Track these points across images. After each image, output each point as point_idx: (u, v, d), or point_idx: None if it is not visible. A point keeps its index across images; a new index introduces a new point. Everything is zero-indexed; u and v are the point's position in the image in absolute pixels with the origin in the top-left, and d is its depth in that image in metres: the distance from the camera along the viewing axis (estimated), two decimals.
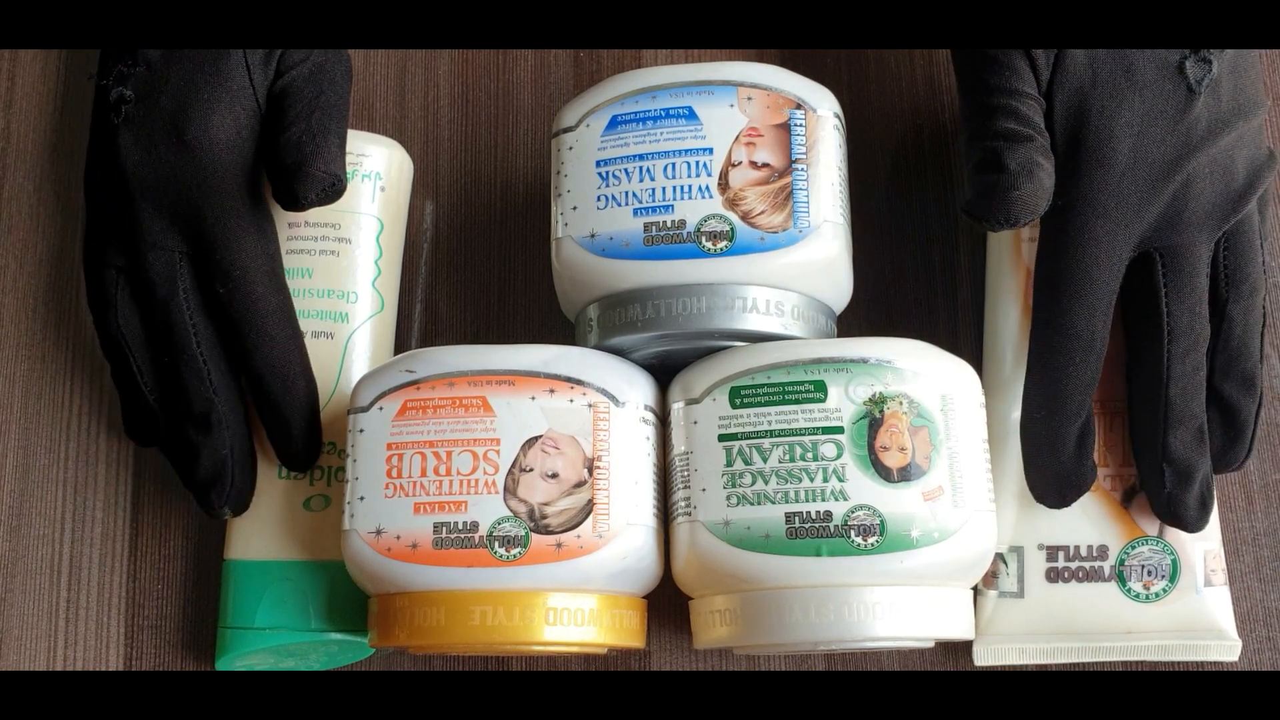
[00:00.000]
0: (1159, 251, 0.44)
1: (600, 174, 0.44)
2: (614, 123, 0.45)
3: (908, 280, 0.52)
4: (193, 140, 0.46)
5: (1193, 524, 0.44)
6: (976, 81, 0.45)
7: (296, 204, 0.45)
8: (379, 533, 0.42)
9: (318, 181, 0.45)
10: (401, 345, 0.51)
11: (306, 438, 0.47)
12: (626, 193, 0.44)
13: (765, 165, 0.43)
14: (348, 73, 0.49)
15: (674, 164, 0.44)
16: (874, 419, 0.41)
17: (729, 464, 0.42)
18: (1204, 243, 0.44)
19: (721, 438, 0.42)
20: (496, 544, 0.41)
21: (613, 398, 0.43)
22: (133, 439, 0.49)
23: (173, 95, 0.46)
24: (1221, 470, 0.45)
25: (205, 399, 0.46)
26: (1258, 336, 0.45)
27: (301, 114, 0.46)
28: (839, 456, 0.41)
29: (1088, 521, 0.45)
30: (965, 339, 0.50)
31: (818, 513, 0.41)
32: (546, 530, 0.41)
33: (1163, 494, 0.44)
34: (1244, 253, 0.44)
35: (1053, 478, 0.44)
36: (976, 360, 0.48)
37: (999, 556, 0.46)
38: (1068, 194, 0.43)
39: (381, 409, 0.43)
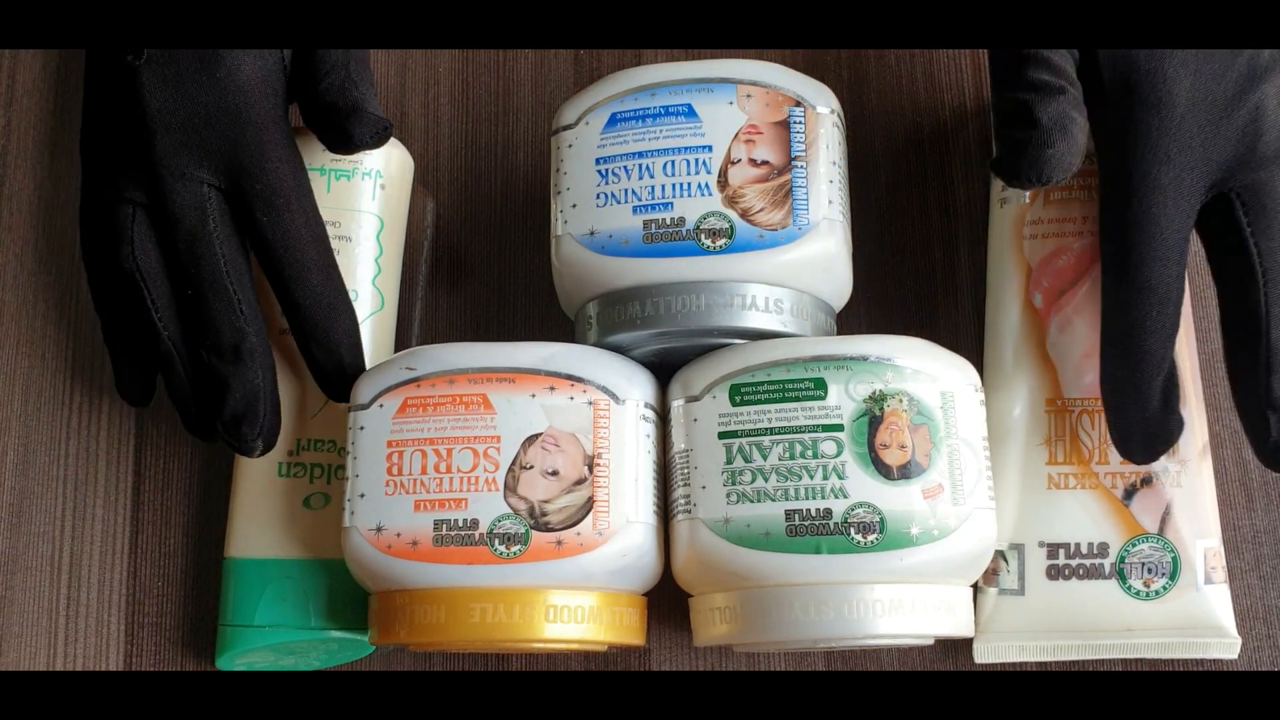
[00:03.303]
0: (1236, 192, 0.42)
1: (600, 171, 0.44)
2: (613, 120, 0.45)
3: (908, 277, 0.52)
4: (225, 79, 0.46)
5: None
6: None
7: (349, 144, 0.46)
8: (379, 530, 0.42)
9: (373, 123, 0.46)
10: (402, 343, 0.51)
11: (353, 364, 0.46)
12: (626, 190, 0.44)
13: (764, 163, 0.44)
14: None
15: (673, 161, 0.44)
16: (874, 417, 0.41)
17: (729, 461, 0.42)
18: None
19: (721, 435, 0.42)
20: (497, 541, 0.41)
21: (613, 395, 0.43)
22: (126, 397, 0.48)
23: None
24: None
25: (237, 329, 0.45)
26: None
27: (338, 62, 0.47)
28: (839, 454, 0.41)
29: (1088, 519, 0.45)
30: (966, 336, 0.50)
31: (817, 510, 0.41)
32: (546, 527, 0.41)
33: (1269, 442, 0.42)
34: None
35: (1140, 433, 0.43)
36: (977, 358, 0.48)
37: (999, 554, 0.46)
38: (1125, 142, 0.42)
39: (382, 406, 0.43)
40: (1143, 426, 0.43)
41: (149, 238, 0.46)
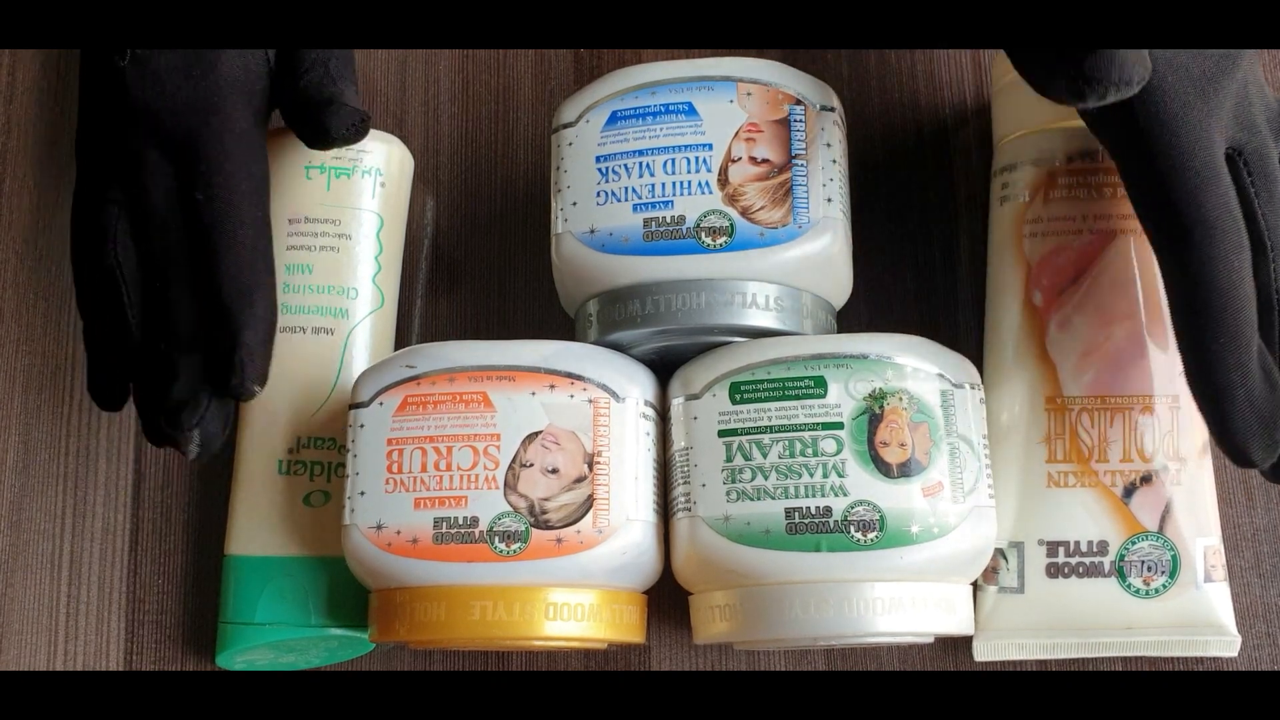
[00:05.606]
0: (1243, 155, 0.40)
1: (600, 169, 0.44)
2: (614, 118, 0.45)
3: (908, 276, 0.52)
4: (200, 76, 0.46)
5: None
6: None
7: (326, 137, 0.45)
8: (379, 528, 0.42)
9: (348, 115, 0.45)
10: (402, 341, 0.51)
11: (253, 359, 0.43)
12: (626, 188, 0.44)
13: (765, 161, 0.44)
14: None
15: (674, 159, 0.44)
16: (874, 415, 0.41)
17: (729, 459, 0.42)
18: (1276, 148, 0.40)
19: (721, 433, 0.42)
20: (497, 539, 0.41)
21: (613, 393, 0.43)
22: (98, 399, 0.47)
23: None
24: None
25: (194, 318, 0.44)
26: None
27: (318, 61, 0.47)
28: (839, 452, 0.41)
29: (1088, 517, 0.45)
30: (965, 335, 0.50)
31: (817, 508, 0.41)
32: (547, 525, 0.41)
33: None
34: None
35: (1252, 418, 0.38)
36: (977, 356, 0.48)
37: (999, 552, 0.46)
38: (1145, 108, 0.39)
39: (382, 404, 0.43)
40: (1253, 409, 0.38)
41: (128, 236, 0.46)
